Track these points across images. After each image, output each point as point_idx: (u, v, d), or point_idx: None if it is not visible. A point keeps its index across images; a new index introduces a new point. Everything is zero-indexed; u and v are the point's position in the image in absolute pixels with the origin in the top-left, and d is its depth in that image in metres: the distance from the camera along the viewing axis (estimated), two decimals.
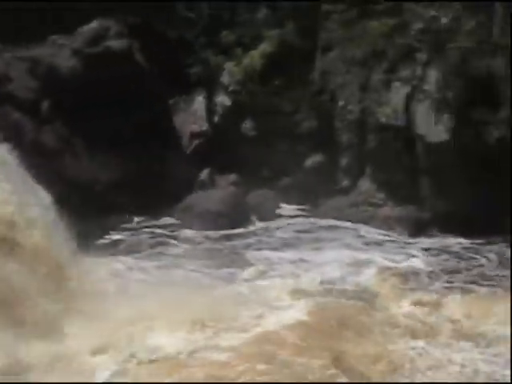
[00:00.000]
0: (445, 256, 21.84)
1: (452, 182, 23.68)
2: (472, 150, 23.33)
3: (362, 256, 21.55)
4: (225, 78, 27.56)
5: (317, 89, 26.58)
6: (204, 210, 24.77)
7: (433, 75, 24.46)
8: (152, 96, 25.67)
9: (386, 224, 24.28)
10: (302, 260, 21.20)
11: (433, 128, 23.98)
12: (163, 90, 26.59)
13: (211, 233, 23.60)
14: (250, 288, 18.97)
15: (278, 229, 24.00)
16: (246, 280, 19.79)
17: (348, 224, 23.87)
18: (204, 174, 26.52)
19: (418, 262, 21.28)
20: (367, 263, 20.94)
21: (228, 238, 23.37)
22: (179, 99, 27.82)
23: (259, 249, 22.45)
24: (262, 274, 20.20)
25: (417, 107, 24.41)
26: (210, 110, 27.85)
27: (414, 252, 22.01)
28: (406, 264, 21.19)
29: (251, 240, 23.06)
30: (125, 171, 24.91)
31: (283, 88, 26.74)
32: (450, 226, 23.32)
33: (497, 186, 22.58)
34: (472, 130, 23.50)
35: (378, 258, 21.27)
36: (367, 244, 22.57)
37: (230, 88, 27.42)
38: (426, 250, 22.27)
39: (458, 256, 21.85)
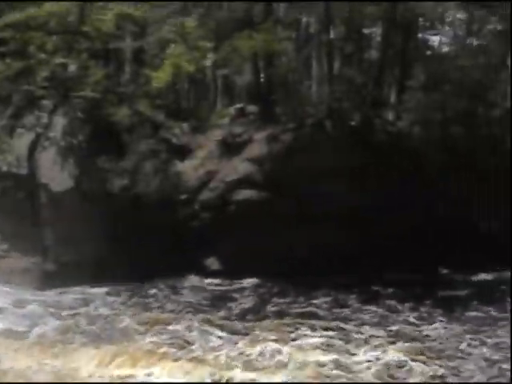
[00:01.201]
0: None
1: (77, 232, 23.19)
2: (96, 198, 23.16)
3: None
4: None
5: None
6: None
7: (59, 122, 24.07)
8: None
9: (10, 276, 23.12)
10: None
11: (57, 176, 23.48)
12: None
13: None
14: None
15: None
16: None
17: None
18: None
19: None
20: None
21: None
22: None
23: None
24: None
25: (41, 155, 23.79)
26: None
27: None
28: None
29: None
30: None
31: None
32: (76, 276, 22.66)
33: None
34: (96, 177, 23.36)
35: None
36: None
37: None
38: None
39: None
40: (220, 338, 17.02)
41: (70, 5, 23.87)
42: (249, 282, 22.31)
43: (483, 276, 23.40)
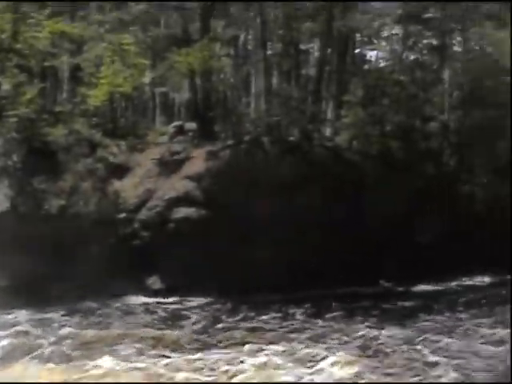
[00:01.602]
0: None
1: (14, 255, 22.47)
2: (34, 219, 22.54)
3: None
4: None
5: None
6: None
7: None
8: None
9: None
10: None
11: None
12: None
13: None
14: None
15: None
16: None
17: None
18: None
19: None
20: None
21: None
22: None
23: None
24: None
25: None
26: None
27: None
28: None
29: None
30: None
31: None
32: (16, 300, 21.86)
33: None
34: (33, 198, 22.75)
35: None
36: None
37: None
38: None
39: None
40: (171, 357, 16.73)
41: (3, 22, 23.35)
42: (197, 300, 22.03)
43: (423, 287, 23.71)
